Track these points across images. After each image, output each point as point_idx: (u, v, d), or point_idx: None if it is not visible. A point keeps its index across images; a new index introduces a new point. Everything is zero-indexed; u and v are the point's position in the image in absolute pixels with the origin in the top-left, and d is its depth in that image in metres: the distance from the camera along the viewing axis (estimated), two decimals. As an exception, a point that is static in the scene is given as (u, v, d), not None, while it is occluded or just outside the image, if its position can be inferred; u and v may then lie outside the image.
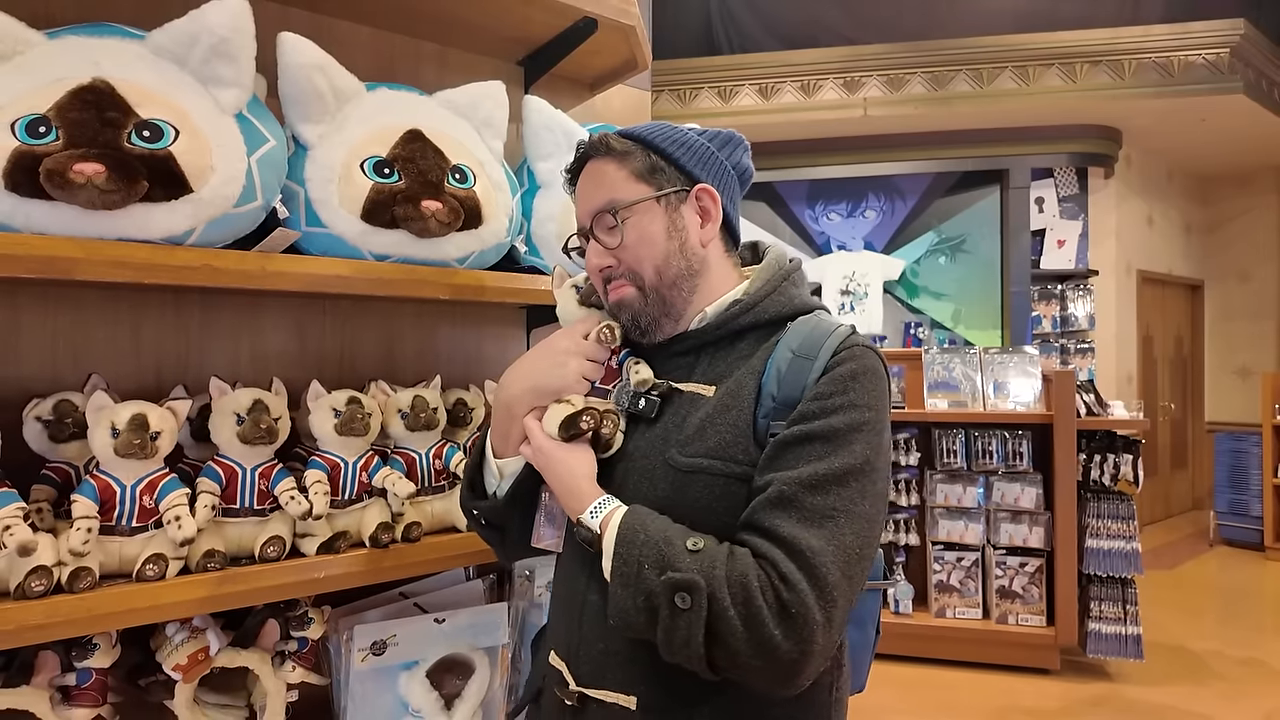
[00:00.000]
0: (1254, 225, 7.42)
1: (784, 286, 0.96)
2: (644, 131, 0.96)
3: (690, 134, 0.98)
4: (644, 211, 0.94)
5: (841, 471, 0.81)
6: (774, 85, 5.81)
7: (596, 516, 0.86)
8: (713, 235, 0.96)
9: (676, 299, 0.95)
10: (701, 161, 0.96)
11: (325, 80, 1.04)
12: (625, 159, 0.95)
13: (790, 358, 0.88)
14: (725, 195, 0.97)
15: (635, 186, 0.94)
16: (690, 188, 0.95)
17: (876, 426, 0.84)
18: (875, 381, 0.86)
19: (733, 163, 0.99)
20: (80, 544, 0.87)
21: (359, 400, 1.10)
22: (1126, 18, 5.46)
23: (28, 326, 1.07)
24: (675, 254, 0.94)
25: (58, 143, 0.82)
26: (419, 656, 1.16)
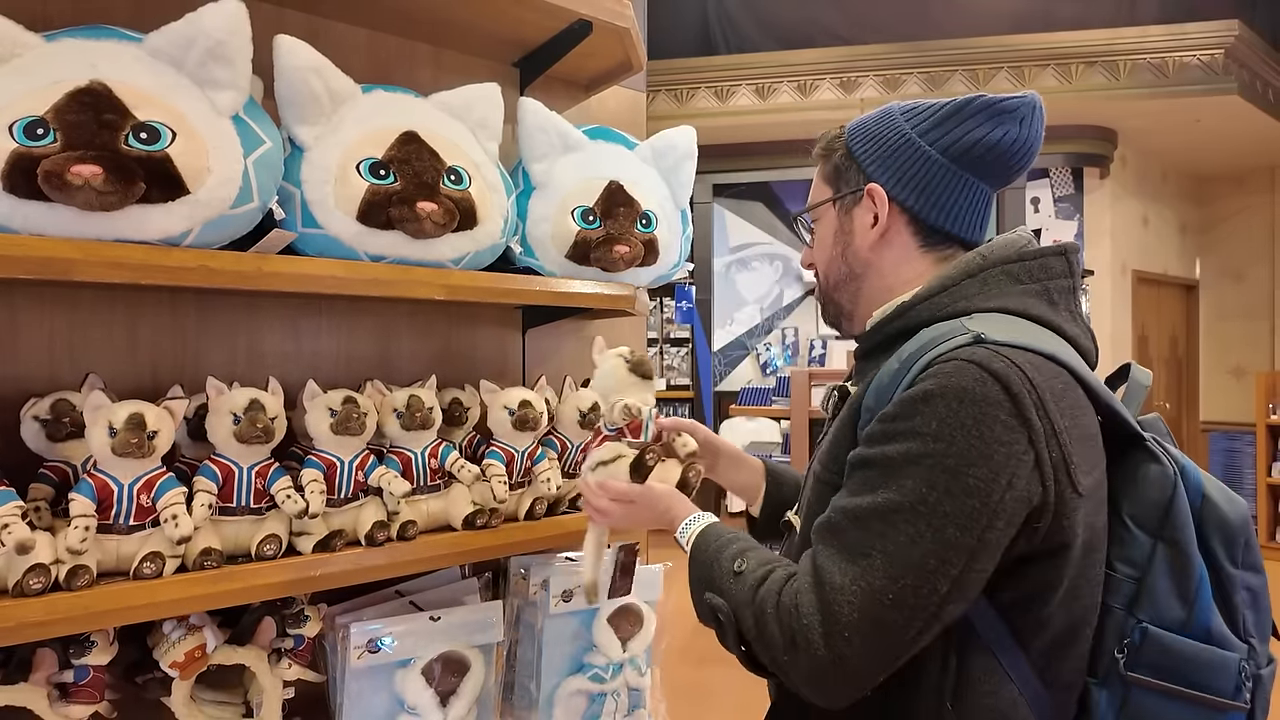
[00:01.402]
0: (1248, 225, 7.45)
1: (961, 286, 0.83)
2: (852, 126, 0.94)
3: (893, 123, 0.89)
4: (823, 215, 0.96)
5: (888, 508, 0.72)
6: (770, 85, 5.82)
7: (684, 535, 0.94)
8: (886, 238, 0.89)
9: (843, 301, 0.96)
10: (885, 156, 0.88)
11: (321, 82, 1.05)
12: (824, 158, 0.96)
13: (895, 367, 0.79)
14: (913, 189, 0.87)
15: (822, 189, 0.97)
16: (863, 188, 0.90)
17: (942, 461, 0.71)
18: (954, 406, 0.71)
19: (949, 142, 0.85)
20: (78, 542, 0.88)
21: (355, 400, 1.11)
22: (1122, 19, 5.48)
23: (25, 326, 1.07)
24: (838, 259, 0.94)
25: (55, 145, 0.83)
26: (415, 654, 1.17)
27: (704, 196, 6.50)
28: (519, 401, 1.25)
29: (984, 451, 0.71)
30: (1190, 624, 0.75)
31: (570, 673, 1.35)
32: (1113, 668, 0.77)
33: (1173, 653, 0.75)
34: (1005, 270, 0.83)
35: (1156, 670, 0.75)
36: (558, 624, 1.33)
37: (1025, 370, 0.73)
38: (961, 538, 0.70)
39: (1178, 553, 0.76)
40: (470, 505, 1.20)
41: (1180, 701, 0.75)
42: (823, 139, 0.98)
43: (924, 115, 0.88)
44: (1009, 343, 0.75)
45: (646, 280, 1.38)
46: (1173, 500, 0.77)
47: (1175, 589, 0.76)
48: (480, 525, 1.20)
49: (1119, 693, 0.77)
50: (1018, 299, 0.82)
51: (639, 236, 1.29)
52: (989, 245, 0.87)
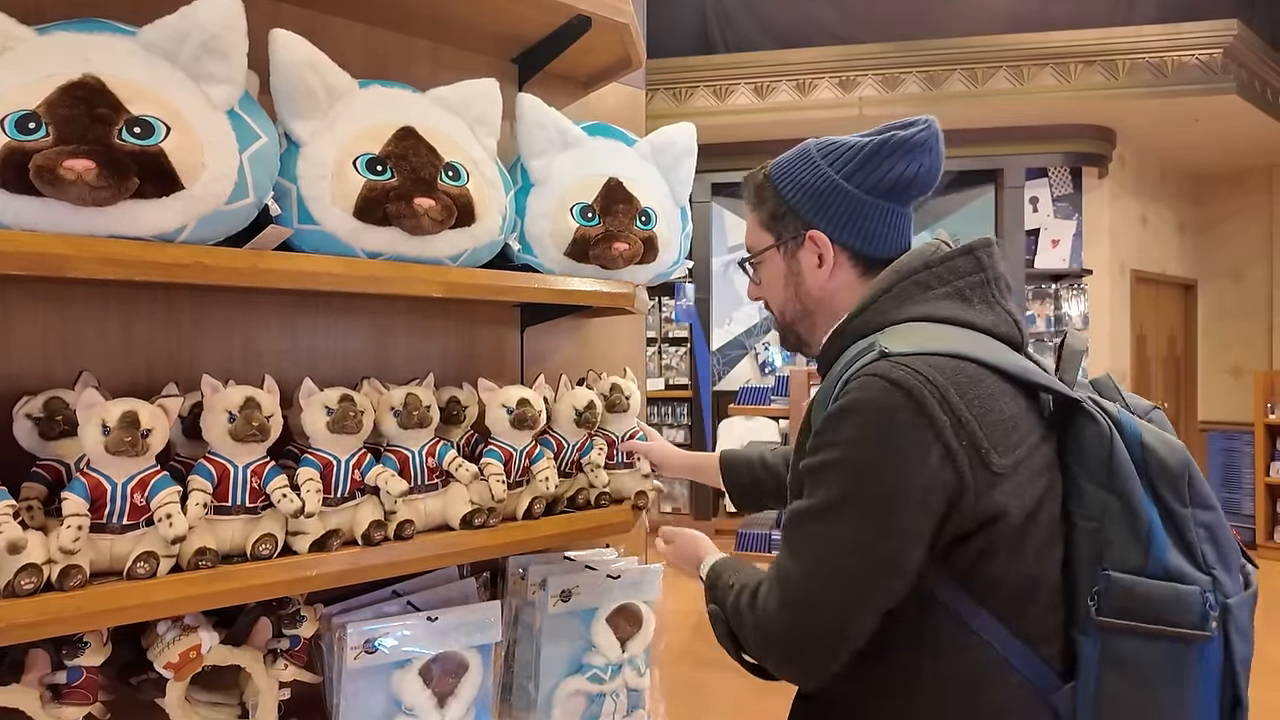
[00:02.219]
0: (1247, 225, 7.46)
1: (879, 303, 0.94)
2: (777, 172, 1.03)
3: (818, 170, 0.99)
4: (769, 259, 1.06)
5: (817, 509, 0.85)
6: (769, 84, 5.82)
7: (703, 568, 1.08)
8: (832, 274, 1.01)
9: (801, 332, 1.07)
10: (819, 202, 0.99)
11: (317, 77, 1.04)
12: (758, 205, 1.05)
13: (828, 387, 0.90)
14: (846, 228, 0.98)
15: (763, 235, 1.06)
16: (804, 234, 1.00)
17: (855, 464, 0.83)
18: (863, 417, 0.83)
19: (873, 182, 0.97)
20: (71, 542, 0.87)
21: (351, 398, 1.10)
22: (1120, 18, 5.49)
23: (18, 324, 1.06)
24: (791, 299, 1.05)
25: (47, 139, 0.81)
26: (412, 655, 1.16)
27: (702, 196, 6.50)
28: (517, 400, 1.25)
29: (893, 453, 0.81)
30: (1148, 565, 0.81)
31: (569, 673, 1.34)
32: (1088, 616, 0.83)
33: (1135, 594, 0.81)
34: (915, 281, 0.94)
35: (1124, 612, 0.81)
36: (556, 624, 1.33)
37: (924, 373, 0.82)
38: (880, 526, 0.82)
39: (1126, 501, 0.83)
40: (468, 504, 1.19)
41: (1151, 639, 0.80)
42: (748, 185, 1.07)
43: (845, 158, 0.98)
44: (910, 351, 0.84)
45: (646, 278, 1.38)
46: (1112, 454, 0.83)
47: (1130, 534, 0.82)
48: (478, 525, 1.19)
49: (1097, 639, 0.83)
50: (929, 305, 0.92)
51: (638, 234, 1.28)
52: (900, 260, 0.97)
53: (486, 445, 1.27)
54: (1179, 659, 0.81)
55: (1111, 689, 0.82)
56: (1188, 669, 0.81)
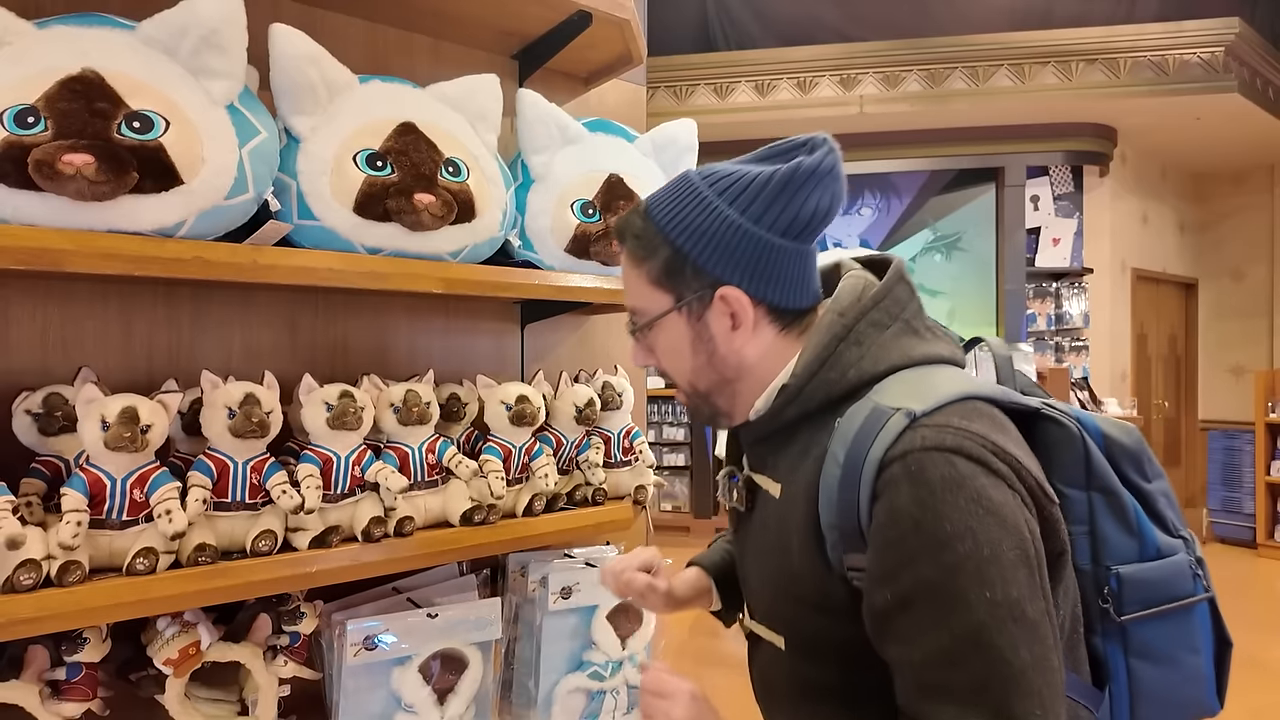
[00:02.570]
0: (1248, 224, 7.46)
1: (837, 354, 0.79)
2: (663, 214, 0.82)
3: (717, 212, 0.79)
4: (668, 325, 0.85)
5: (970, 633, 0.67)
6: (770, 82, 5.81)
7: None
8: (749, 335, 0.83)
9: (720, 402, 0.88)
10: (726, 253, 0.80)
11: (318, 72, 1.03)
12: (644, 260, 0.83)
13: (838, 476, 0.74)
14: (762, 280, 0.81)
15: (655, 295, 0.84)
16: (712, 292, 0.81)
17: (982, 555, 0.67)
18: (951, 495, 0.68)
19: (785, 222, 0.79)
20: (70, 537, 0.87)
21: (351, 394, 1.10)
22: (1122, 16, 5.48)
23: (17, 319, 1.06)
24: (704, 367, 0.85)
25: (46, 133, 0.81)
26: (412, 651, 1.16)
27: (703, 194, 6.48)
28: (516, 397, 1.24)
29: (1000, 521, 0.69)
30: (1143, 550, 0.81)
31: (569, 670, 1.34)
32: (1105, 618, 0.80)
33: (1145, 582, 0.80)
34: (869, 321, 0.81)
35: (1141, 601, 0.80)
36: (557, 621, 1.32)
37: (965, 428, 0.71)
38: (1037, 603, 0.69)
39: (1109, 495, 0.81)
40: (468, 501, 1.19)
41: (1165, 618, 0.81)
42: (626, 230, 0.85)
43: (749, 195, 0.79)
44: (934, 406, 0.73)
45: (646, 275, 1.37)
46: (1087, 453, 0.80)
47: (1121, 527, 0.81)
48: (478, 521, 1.19)
49: (1119, 636, 0.81)
50: (896, 348, 0.81)
51: (639, 230, 1.27)
52: (836, 301, 0.83)
53: (486, 442, 1.26)
54: (1189, 625, 0.83)
55: (1141, 677, 0.81)
56: (1195, 631, 0.83)
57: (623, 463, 1.42)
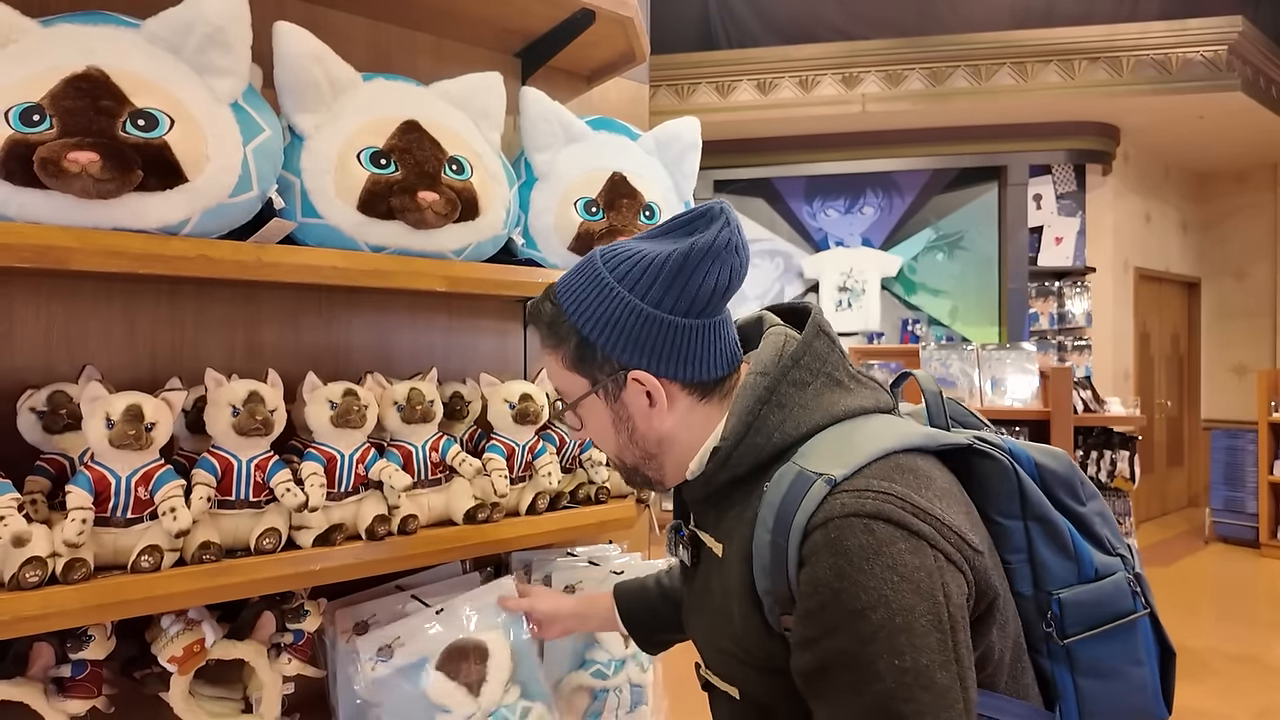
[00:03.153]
0: (1250, 222, 7.44)
1: (762, 417, 0.80)
2: (569, 301, 0.83)
3: (619, 298, 0.80)
4: (588, 406, 0.87)
5: (881, 702, 0.69)
6: (772, 81, 5.81)
7: None
8: (667, 410, 0.84)
9: (649, 473, 0.90)
10: (631, 338, 0.81)
11: (321, 70, 1.03)
12: (557, 347, 0.85)
13: (768, 542, 0.76)
14: (671, 361, 0.82)
15: (572, 379, 0.86)
16: (624, 375, 0.82)
17: (894, 624, 0.69)
18: (867, 564, 0.70)
19: (686, 303, 0.80)
20: (75, 535, 0.87)
21: (355, 392, 1.10)
22: (1125, 14, 5.47)
23: (21, 317, 1.06)
24: (627, 445, 0.88)
25: (52, 131, 0.81)
26: (427, 652, 1.15)
27: (705, 193, 6.49)
28: (520, 395, 1.24)
29: (913, 588, 0.70)
30: (1080, 572, 0.84)
31: (572, 668, 1.34)
32: (1050, 640, 0.83)
33: (1085, 603, 0.83)
34: (789, 381, 0.82)
35: (1082, 622, 0.83)
36: (560, 619, 1.32)
37: (885, 490, 0.73)
38: (949, 669, 0.70)
39: (1045, 524, 0.83)
40: (471, 499, 1.19)
41: (1108, 635, 0.84)
42: (538, 319, 0.87)
43: (645, 281, 0.80)
44: (853, 470, 0.74)
45: (649, 273, 1.37)
46: (1019, 483, 0.82)
47: (1058, 552, 0.83)
48: (482, 520, 1.19)
49: (1064, 657, 0.83)
50: (819, 409, 0.82)
51: (642, 228, 1.27)
52: (758, 361, 0.83)
53: (489, 440, 1.26)
54: (1132, 639, 0.86)
55: (1089, 694, 0.84)
56: (1138, 645, 0.86)
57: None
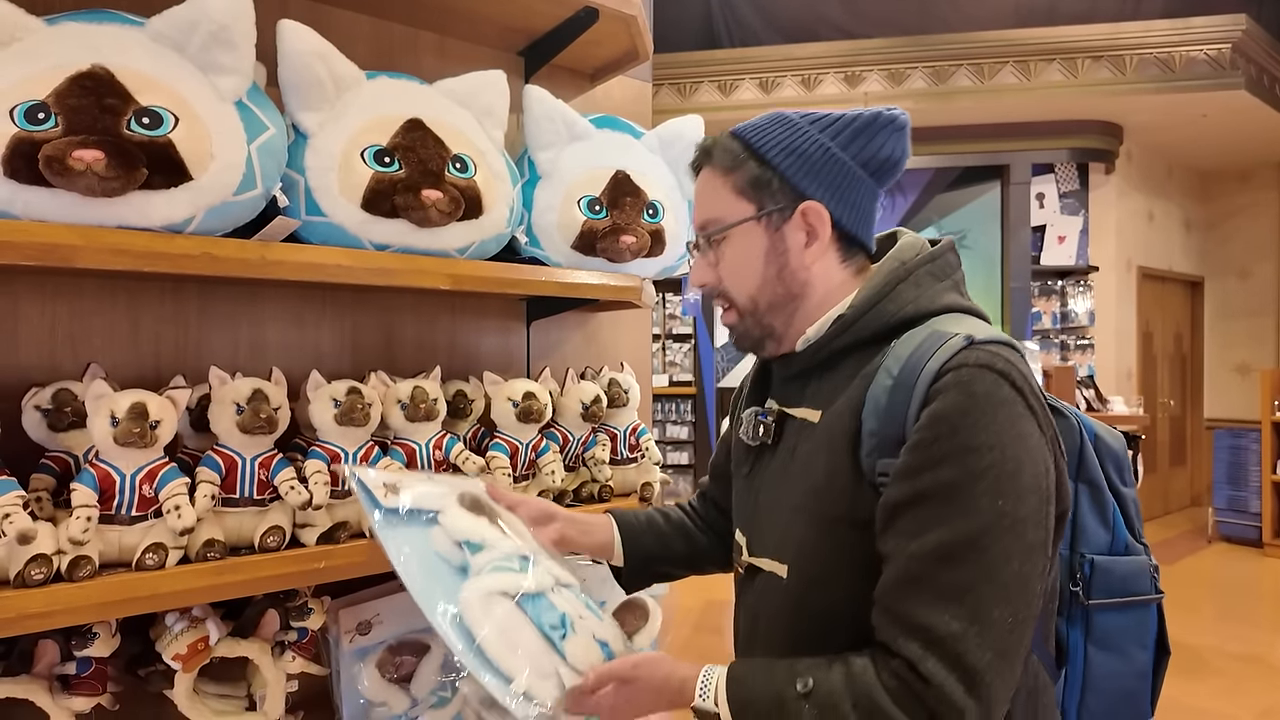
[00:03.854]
0: (1254, 222, 7.42)
1: (897, 291, 0.83)
2: (754, 136, 0.87)
3: (805, 134, 0.85)
4: (744, 233, 0.88)
5: (974, 534, 0.69)
6: (774, 79, 5.80)
7: (707, 697, 0.78)
8: (820, 255, 0.87)
9: (775, 323, 0.90)
10: (814, 170, 0.85)
11: (325, 68, 1.03)
12: (731, 170, 0.88)
13: (890, 385, 0.77)
14: (843, 203, 0.86)
15: (736, 203, 0.88)
16: (795, 205, 0.86)
17: (1005, 468, 0.70)
18: (991, 410, 0.71)
19: (867, 156, 0.86)
20: (80, 532, 0.87)
21: (359, 390, 1.10)
22: (1128, 13, 5.45)
23: (26, 315, 1.06)
24: (773, 280, 0.88)
25: (57, 129, 0.81)
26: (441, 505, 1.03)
27: (707, 191, 6.48)
28: (523, 393, 1.24)
29: (1026, 447, 0.72)
30: (1114, 544, 0.88)
31: (575, 667, 1.34)
32: (1073, 601, 0.87)
33: (1112, 573, 0.87)
34: (927, 271, 0.85)
35: (1106, 590, 0.87)
36: (563, 617, 1.32)
37: (1013, 361, 0.75)
38: (1037, 534, 0.71)
39: (1094, 488, 0.88)
40: (475, 497, 1.19)
41: (1124, 610, 0.88)
42: (714, 147, 0.90)
43: (838, 127, 0.86)
44: (990, 339, 0.76)
45: (653, 271, 1.37)
46: (1082, 446, 0.87)
47: (1099, 519, 0.88)
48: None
49: (1082, 621, 0.87)
50: (949, 296, 0.85)
51: (646, 227, 1.27)
52: (898, 251, 0.88)
53: (493, 438, 1.27)
54: (1144, 621, 0.90)
55: (1095, 664, 0.88)
56: (1147, 629, 0.90)
57: (629, 459, 1.43)
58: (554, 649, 0.80)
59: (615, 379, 1.41)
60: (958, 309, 0.84)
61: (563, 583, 0.89)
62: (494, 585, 0.82)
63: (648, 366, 1.79)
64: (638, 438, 1.44)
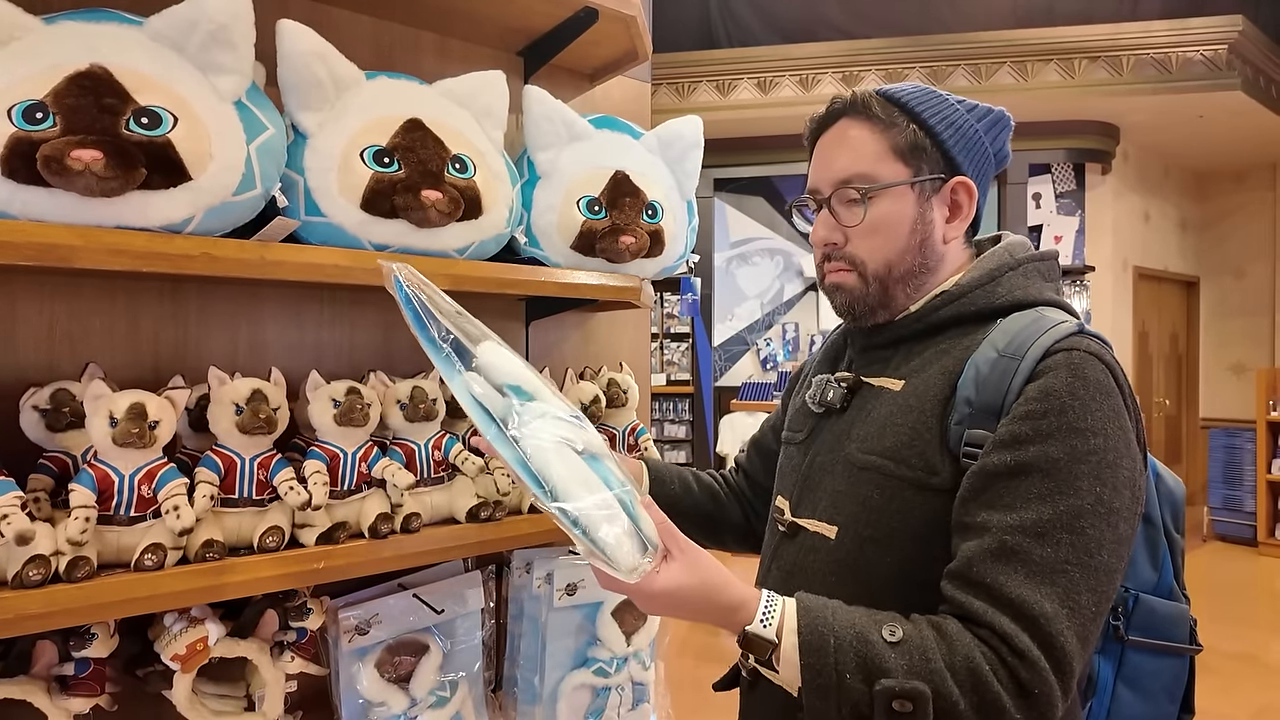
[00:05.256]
0: (1249, 222, 7.45)
1: (1007, 278, 0.85)
2: (912, 100, 0.87)
3: (959, 111, 0.88)
4: (896, 196, 0.86)
5: (1072, 515, 0.69)
6: (772, 79, 5.80)
7: (770, 624, 0.71)
8: (955, 231, 0.88)
9: (899, 294, 0.88)
10: (968, 147, 0.87)
11: (325, 68, 1.03)
12: (889, 129, 0.86)
13: (994, 358, 0.76)
14: (981, 185, 0.89)
15: (892, 165, 0.86)
16: (949, 177, 0.87)
17: (1107, 457, 0.70)
18: (1100, 397, 0.71)
19: (998, 147, 0.90)
20: (78, 533, 0.87)
21: (358, 390, 1.10)
22: (1125, 14, 5.47)
23: (24, 315, 1.06)
24: (914, 250, 0.87)
25: (55, 129, 0.81)
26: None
27: (705, 191, 6.49)
28: (523, 393, 1.24)
29: (1125, 440, 0.72)
30: (1160, 586, 0.85)
31: (574, 667, 1.34)
32: (1110, 635, 0.84)
33: (1156, 614, 0.84)
34: (1035, 267, 0.87)
35: (1145, 630, 0.83)
36: (561, 618, 1.33)
37: (1116, 359, 0.77)
38: (1127, 530, 0.71)
39: (1150, 526, 0.85)
40: (474, 498, 1.19)
41: (1160, 655, 0.84)
42: (869, 100, 0.88)
43: (979, 113, 0.89)
44: (1094, 334, 0.78)
45: (652, 272, 1.37)
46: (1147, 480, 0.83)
47: (1149, 558, 0.85)
48: (484, 518, 1.19)
49: (1116, 656, 0.84)
50: (1053, 293, 0.86)
51: (645, 227, 1.27)
52: (1008, 245, 0.90)
53: (492, 439, 1.26)
54: (1176, 672, 0.85)
55: (1123, 702, 0.84)
56: (1178, 683, 0.85)
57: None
58: (627, 511, 0.74)
59: (614, 379, 1.41)
60: (1060, 306, 0.85)
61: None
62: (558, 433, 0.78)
63: (646, 367, 1.79)
64: (636, 437, 1.44)
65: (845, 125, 0.89)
